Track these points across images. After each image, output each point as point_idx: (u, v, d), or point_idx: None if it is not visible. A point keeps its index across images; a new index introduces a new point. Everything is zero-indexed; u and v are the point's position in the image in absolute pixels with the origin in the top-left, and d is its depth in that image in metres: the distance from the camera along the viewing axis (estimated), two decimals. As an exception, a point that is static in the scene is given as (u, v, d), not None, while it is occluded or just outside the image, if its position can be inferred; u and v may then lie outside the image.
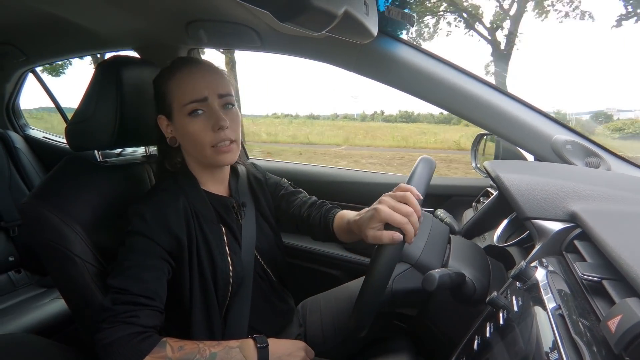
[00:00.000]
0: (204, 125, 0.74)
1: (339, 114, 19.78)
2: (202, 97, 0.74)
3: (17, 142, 1.65)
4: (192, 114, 0.74)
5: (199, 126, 0.74)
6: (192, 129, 0.74)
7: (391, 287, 0.73)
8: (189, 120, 0.75)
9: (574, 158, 0.91)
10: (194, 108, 0.74)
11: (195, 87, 0.74)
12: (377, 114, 19.62)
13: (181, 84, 0.75)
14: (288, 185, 0.98)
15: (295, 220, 0.93)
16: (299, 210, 0.92)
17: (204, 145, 0.75)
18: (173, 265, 0.73)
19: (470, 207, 1.17)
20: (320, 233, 0.90)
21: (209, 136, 0.74)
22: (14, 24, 1.22)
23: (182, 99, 0.74)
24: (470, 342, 0.56)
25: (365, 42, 0.89)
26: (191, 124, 0.74)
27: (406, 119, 18.30)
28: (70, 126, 0.83)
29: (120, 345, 0.62)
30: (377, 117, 19.33)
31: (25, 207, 0.75)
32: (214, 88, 0.76)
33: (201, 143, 0.75)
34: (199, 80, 0.75)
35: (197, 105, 0.74)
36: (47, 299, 1.40)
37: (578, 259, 0.55)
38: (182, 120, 0.75)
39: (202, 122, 0.74)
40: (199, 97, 0.74)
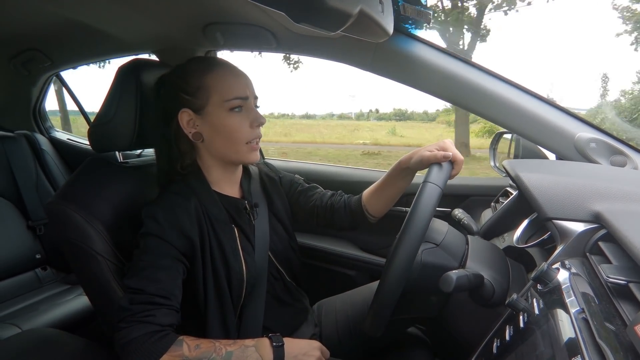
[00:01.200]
0: (242, 121, 0.78)
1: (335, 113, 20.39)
2: (245, 95, 0.78)
3: (43, 143, 1.71)
4: (233, 110, 0.77)
5: (238, 121, 0.77)
6: (231, 123, 0.77)
7: (421, 259, 0.72)
8: (228, 114, 0.77)
9: (598, 157, 0.88)
10: (237, 104, 0.77)
11: (240, 85, 0.78)
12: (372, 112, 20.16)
13: (224, 78, 0.77)
14: (303, 182, 1.00)
15: (316, 213, 0.94)
16: (320, 202, 0.95)
17: (240, 141, 0.78)
18: (187, 266, 0.74)
19: (488, 207, 1.15)
20: (347, 217, 0.93)
21: (246, 132, 0.78)
22: (40, 31, 1.27)
23: (226, 94, 0.76)
24: (489, 345, 0.55)
25: (380, 41, 0.88)
26: (230, 119, 0.77)
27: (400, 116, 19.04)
28: (93, 128, 0.85)
29: (138, 344, 0.63)
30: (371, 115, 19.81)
31: (51, 207, 0.78)
32: (251, 89, 0.80)
33: (238, 138, 0.77)
34: (242, 78, 0.79)
35: (240, 102, 0.77)
36: (71, 296, 1.45)
37: (603, 261, 0.53)
38: (220, 114, 0.77)
39: (241, 117, 0.78)
40: (242, 95, 0.78)
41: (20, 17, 1.17)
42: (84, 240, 0.76)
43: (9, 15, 1.15)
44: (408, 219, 0.66)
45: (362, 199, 0.94)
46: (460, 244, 0.78)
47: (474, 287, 0.67)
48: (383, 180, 0.92)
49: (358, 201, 0.94)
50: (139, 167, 0.92)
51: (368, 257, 1.36)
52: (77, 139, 1.90)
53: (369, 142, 10.92)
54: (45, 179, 1.66)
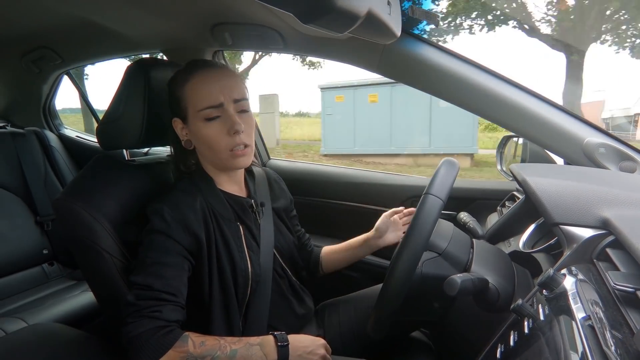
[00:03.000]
0: (219, 130, 0.76)
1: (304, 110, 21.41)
2: (217, 103, 0.76)
3: (52, 140, 1.73)
4: (208, 119, 0.76)
5: (215, 131, 0.76)
6: (208, 133, 0.76)
7: (421, 270, 0.72)
8: (204, 125, 0.76)
9: (607, 162, 0.87)
10: (210, 114, 0.75)
11: (211, 93, 0.75)
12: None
13: (196, 89, 0.76)
14: (294, 208, 1.03)
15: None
16: (300, 236, 1.03)
17: (220, 150, 0.77)
18: (193, 263, 0.75)
19: (494, 211, 1.14)
20: (306, 262, 1.02)
21: (224, 140, 0.76)
22: (51, 29, 1.29)
23: (198, 105, 0.75)
24: (493, 350, 0.55)
25: (388, 43, 0.88)
26: (207, 129, 0.76)
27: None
28: (101, 126, 0.86)
29: (145, 339, 0.64)
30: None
31: (58, 203, 0.79)
32: (229, 93, 0.77)
33: (217, 147, 0.77)
34: (214, 85, 0.76)
35: (212, 111, 0.75)
36: (77, 291, 1.46)
37: (610, 268, 0.53)
38: (197, 124, 0.77)
39: (217, 126, 0.76)
40: (214, 103, 0.75)
41: (32, 16, 1.18)
42: (91, 236, 0.76)
43: (21, 13, 1.17)
44: (409, 231, 0.66)
45: (321, 252, 1.04)
46: (465, 250, 0.78)
47: (478, 292, 0.67)
48: (346, 244, 1.03)
49: (318, 254, 1.04)
50: (146, 165, 0.93)
51: (372, 259, 1.35)
52: (86, 136, 1.92)
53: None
54: (54, 176, 1.67)
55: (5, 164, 1.53)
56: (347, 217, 1.43)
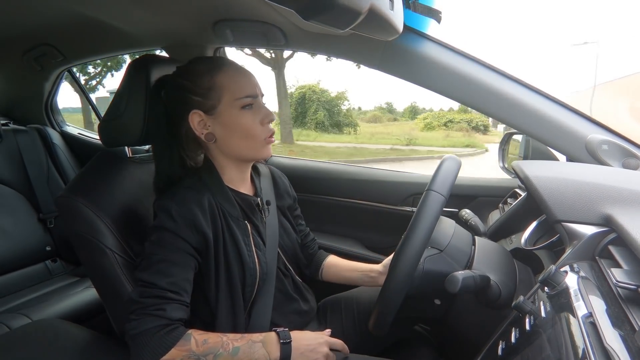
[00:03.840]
0: (254, 119, 0.78)
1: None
2: (254, 93, 0.79)
3: (54, 138, 1.73)
4: (244, 108, 0.77)
5: (251, 119, 0.78)
6: (244, 122, 0.77)
7: (423, 267, 0.72)
8: (241, 113, 0.77)
9: (610, 159, 0.87)
10: (249, 102, 0.77)
11: (250, 83, 0.79)
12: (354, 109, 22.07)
13: (235, 78, 0.78)
14: (298, 207, 1.03)
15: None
16: (304, 236, 1.03)
17: (256, 138, 0.78)
18: (199, 261, 0.75)
19: (496, 208, 1.14)
20: (308, 262, 1.02)
21: (259, 129, 0.79)
22: (52, 26, 1.29)
23: (238, 93, 0.77)
24: (495, 347, 0.55)
25: (390, 39, 0.88)
26: (244, 117, 0.77)
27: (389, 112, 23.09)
28: (103, 123, 0.86)
29: (148, 337, 0.64)
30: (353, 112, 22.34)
31: (61, 200, 0.79)
32: (258, 87, 0.81)
33: (254, 135, 0.78)
34: (250, 77, 0.80)
35: (250, 100, 0.78)
36: (80, 288, 1.47)
37: (612, 265, 0.52)
38: (232, 113, 0.77)
39: (253, 116, 0.78)
40: (252, 93, 0.78)
41: (33, 13, 1.18)
42: (93, 233, 0.77)
43: (22, 10, 1.17)
44: (411, 228, 0.66)
45: (325, 260, 1.03)
46: (466, 247, 0.77)
47: (480, 289, 0.67)
48: (350, 264, 1.01)
49: (321, 259, 1.03)
50: (148, 162, 0.93)
51: (373, 255, 1.35)
52: (88, 133, 1.92)
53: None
54: (56, 173, 1.68)
55: (8, 162, 1.54)
56: (348, 214, 1.43)
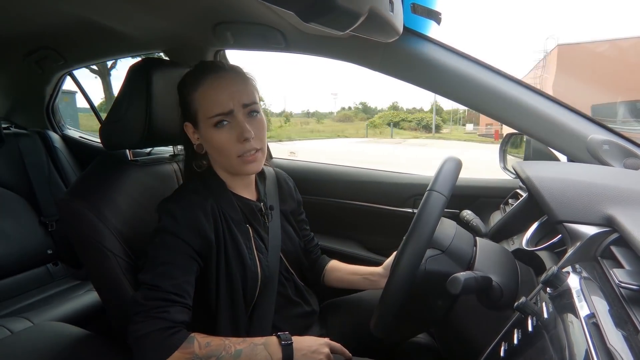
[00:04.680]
0: (229, 136, 0.75)
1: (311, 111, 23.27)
2: (227, 111, 0.75)
3: (55, 141, 1.74)
4: (217, 125, 0.75)
5: (225, 137, 0.75)
6: (217, 139, 0.75)
7: (424, 267, 0.72)
8: (214, 131, 0.75)
9: (611, 159, 0.86)
10: (219, 120, 0.75)
11: (220, 100, 0.75)
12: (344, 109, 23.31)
13: (206, 96, 0.76)
14: (303, 211, 1.03)
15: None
16: (308, 240, 1.03)
17: (230, 156, 0.76)
18: (201, 265, 0.75)
19: (498, 209, 1.14)
20: (310, 267, 1.03)
21: (234, 147, 0.75)
22: (53, 30, 1.29)
23: (207, 112, 0.75)
24: (497, 349, 0.55)
25: (390, 41, 0.88)
26: (217, 135, 0.75)
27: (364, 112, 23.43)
28: (104, 126, 0.87)
29: (151, 339, 0.64)
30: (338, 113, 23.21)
31: (62, 203, 0.79)
32: (238, 99, 0.75)
33: (227, 154, 0.76)
34: (223, 92, 0.75)
35: (222, 118, 0.75)
36: (81, 291, 1.47)
37: (615, 266, 0.52)
38: (207, 130, 0.76)
39: (227, 132, 0.75)
40: (224, 110, 0.75)
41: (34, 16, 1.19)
42: (95, 236, 0.77)
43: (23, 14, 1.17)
44: (412, 228, 0.66)
45: (327, 265, 1.03)
46: (468, 248, 0.77)
47: (481, 290, 0.66)
48: (351, 267, 1.01)
49: (323, 264, 1.03)
50: (149, 165, 0.93)
51: (374, 257, 1.35)
52: (89, 136, 1.93)
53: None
54: (58, 176, 1.68)
55: (9, 165, 1.54)
56: (349, 216, 1.43)
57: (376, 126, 17.58)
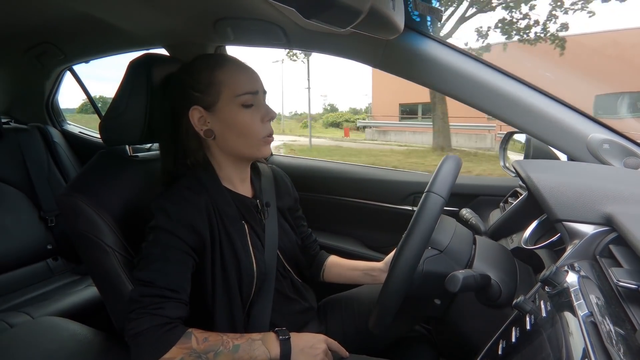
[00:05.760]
0: (254, 117, 0.77)
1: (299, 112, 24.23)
2: (255, 90, 0.78)
3: (55, 136, 1.73)
4: (244, 105, 0.76)
5: (251, 117, 0.77)
6: (244, 119, 0.76)
7: (422, 268, 0.72)
8: (240, 110, 0.76)
9: (611, 158, 0.86)
10: (248, 100, 0.76)
11: (250, 80, 0.78)
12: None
13: (235, 74, 0.77)
14: (300, 207, 1.02)
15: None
16: (306, 237, 1.02)
17: (255, 136, 0.78)
18: (197, 260, 0.75)
19: (497, 207, 1.14)
20: (309, 264, 1.03)
21: (258, 127, 0.78)
22: (53, 24, 1.29)
23: (237, 89, 0.76)
24: (495, 346, 0.55)
25: (391, 38, 0.88)
26: (243, 115, 0.76)
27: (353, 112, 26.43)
28: (104, 122, 0.86)
29: (148, 336, 0.64)
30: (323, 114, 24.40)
31: (62, 199, 0.79)
32: (260, 83, 0.80)
33: (252, 133, 0.77)
34: (251, 73, 0.79)
35: (250, 98, 0.77)
36: (81, 286, 1.47)
37: (613, 265, 0.52)
38: (233, 110, 0.76)
39: (252, 113, 0.77)
40: (252, 90, 0.77)
41: (34, 11, 1.18)
42: (94, 232, 0.77)
43: (23, 8, 1.17)
44: (409, 230, 0.66)
45: (326, 261, 1.03)
46: (467, 247, 0.77)
47: (480, 288, 0.67)
48: (351, 263, 1.01)
49: (322, 260, 1.03)
50: (149, 160, 0.93)
51: (374, 254, 1.35)
52: (89, 132, 1.92)
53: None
54: (57, 171, 1.68)
55: (9, 160, 1.54)
56: (348, 213, 1.43)
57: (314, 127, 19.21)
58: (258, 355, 0.69)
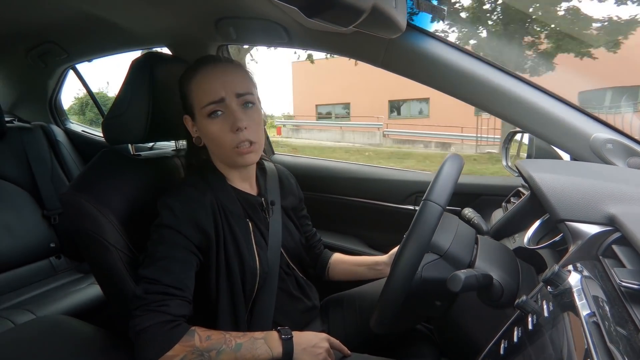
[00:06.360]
0: (222, 126, 0.75)
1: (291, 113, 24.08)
2: (218, 98, 0.75)
3: (58, 135, 1.74)
4: (211, 116, 0.75)
5: (218, 127, 0.75)
6: (211, 130, 0.76)
7: (421, 275, 0.72)
8: (208, 121, 0.76)
9: (614, 158, 0.86)
10: (212, 110, 0.75)
11: (212, 88, 0.75)
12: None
13: (199, 85, 0.76)
14: (304, 207, 1.03)
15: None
16: (310, 236, 1.03)
17: (225, 147, 0.76)
18: (201, 259, 0.75)
19: (499, 207, 1.13)
20: (313, 263, 1.04)
21: (228, 137, 0.75)
22: (56, 24, 1.29)
23: (201, 101, 0.76)
24: (497, 346, 0.55)
25: (393, 37, 0.87)
26: (211, 126, 0.76)
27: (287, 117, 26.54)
28: (106, 120, 0.87)
29: (152, 333, 0.64)
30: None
31: (65, 197, 0.80)
32: (231, 87, 0.75)
33: (222, 144, 0.76)
34: (215, 80, 0.75)
35: (214, 107, 0.75)
36: (84, 284, 1.48)
37: (616, 265, 0.52)
38: (202, 121, 0.77)
39: (221, 123, 0.75)
40: (215, 99, 0.75)
41: (37, 11, 1.19)
42: (97, 230, 0.77)
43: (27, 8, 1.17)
44: (407, 240, 0.66)
45: (331, 259, 1.04)
46: (469, 247, 0.77)
47: (482, 287, 0.66)
48: (355, 259, 1.02)
49: (326, 258, 1.04)
50: (151, 159, 0.94)
51: (375, 253, 1.35)
52: (92, 131, 1.93)
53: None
54: (60, 170, 1.69)
55: (12, 159, 1.55)
56: (350, 212, 1.43)
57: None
58: (260, 354, 0.69)
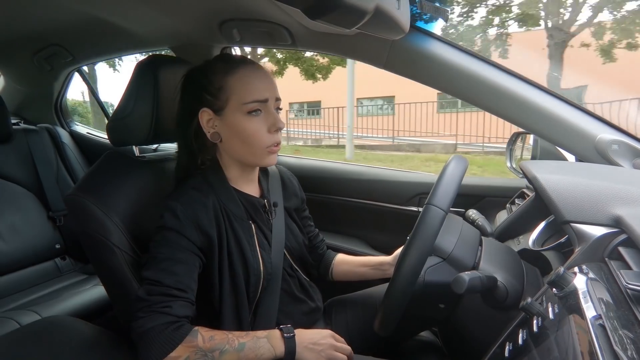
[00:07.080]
0: (260, 125, 0.76)
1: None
2: (264, 99, 0.76)
3: (63, 137, 1.75)
4: (251, 113, 0.76)
5: (256, 126, 0.76)
6: (248, 127, 0.76)
7: (423, 278, 0.72)
8: (246, 118, 0.76)
9: (620, 159, 0.85)
10: (255, 107, 0.76)
11: (259, 87, 0.76)
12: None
13: (245, 81, 0.76)
14: (307, 208, 1.03)
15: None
16: (313, 237, 1.03)
17: (258, 145, 0.77)
18: (204, 261, 0.75)
19: (504, 208, 1.13)
20: (316, 264, 1.04)
21: (264, 137, 0.77)
22: (62, 27, 1.30)
23: (244, 97, 0.75)
24: (502, 349, 0.54)
25: (396, 38, 0.87)
26: (249, 123, 0.76)
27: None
28: (111, 122, 0.87)
29: (155, 334, 0.65)
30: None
31: (70, 199, 0.80)
32: (272, 91, 0.78)
33: (256, 142, 0.77)
34: (261, 81, 0.77)
35: (258, 105, 0.76)
36: (89, 285, 1.48)
37: (622, 267, 0.52)
38: (238, 117, 0.76)
39: (259, 122, 0.76)
40: (261, 98, 0.76)
41: (43, 14, 1.20)
42: (101, 232, 0.77)
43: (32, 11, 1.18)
44: (409, 244, 0.66)
45: (334, 259, 1.03)
46: (473, 249, 0.77)
47: (486, 290, 0.66)
48: (360, 259, 1.02)
49: (330, 259, 1.04)
50: (155, 161, 0.94)
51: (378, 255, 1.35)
52: (97, 133, 1.94)
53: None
54: (66, 172, 1.70)
55: (19, 160, 1.56)
56: (353, 214, 1.43)
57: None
58: (263, 353, 0.69)
